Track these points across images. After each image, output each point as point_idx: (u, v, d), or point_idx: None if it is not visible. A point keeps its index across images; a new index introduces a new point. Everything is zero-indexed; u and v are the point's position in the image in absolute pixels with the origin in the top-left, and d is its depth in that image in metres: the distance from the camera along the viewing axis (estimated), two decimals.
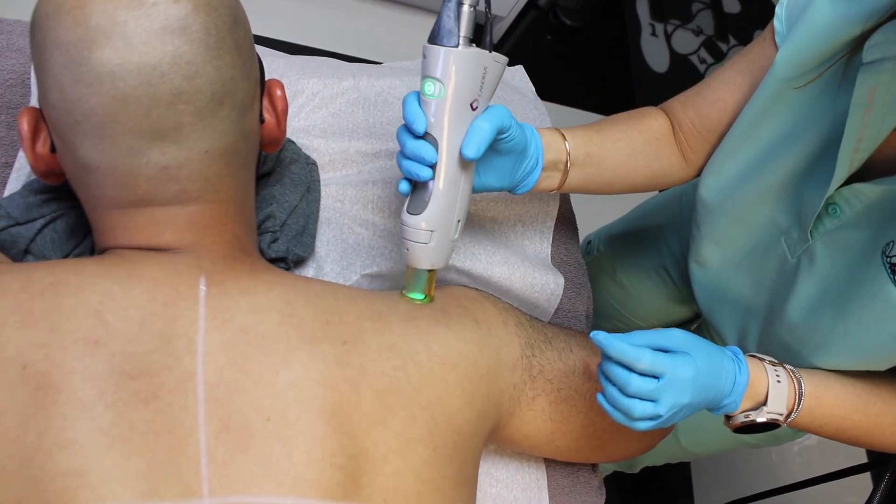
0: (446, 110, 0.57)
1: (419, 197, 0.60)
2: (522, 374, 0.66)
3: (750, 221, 0.74)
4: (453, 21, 0.55)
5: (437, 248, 0.62)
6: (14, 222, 0.63)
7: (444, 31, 0.55)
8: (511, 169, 0.65)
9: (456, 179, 0.60)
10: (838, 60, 0.59)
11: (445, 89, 0.56)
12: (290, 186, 0.73)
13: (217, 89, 0.51)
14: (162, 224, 0.54)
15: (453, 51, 0.55)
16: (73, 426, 0.45)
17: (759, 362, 0.64)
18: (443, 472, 0.55)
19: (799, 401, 0.64)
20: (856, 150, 0.58)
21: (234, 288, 0.54)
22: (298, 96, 0.82)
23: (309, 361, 0.52)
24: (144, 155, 0.51)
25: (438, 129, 0.58)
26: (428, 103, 0.57)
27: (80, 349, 0.47)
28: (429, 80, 0.56)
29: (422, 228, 0.60)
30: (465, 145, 0.58)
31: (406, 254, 0.62)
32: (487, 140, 0.58)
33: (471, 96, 0.57)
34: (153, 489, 0.46)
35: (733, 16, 2.57)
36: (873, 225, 0.62)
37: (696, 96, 0.76)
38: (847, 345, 0.65)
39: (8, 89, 0.73)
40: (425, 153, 0.57)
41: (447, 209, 0.60)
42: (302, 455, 0.49)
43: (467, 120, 0.58)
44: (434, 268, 0.63)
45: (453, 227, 0.62)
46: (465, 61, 0.56)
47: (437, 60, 0.56)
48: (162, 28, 0.48)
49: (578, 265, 0.89)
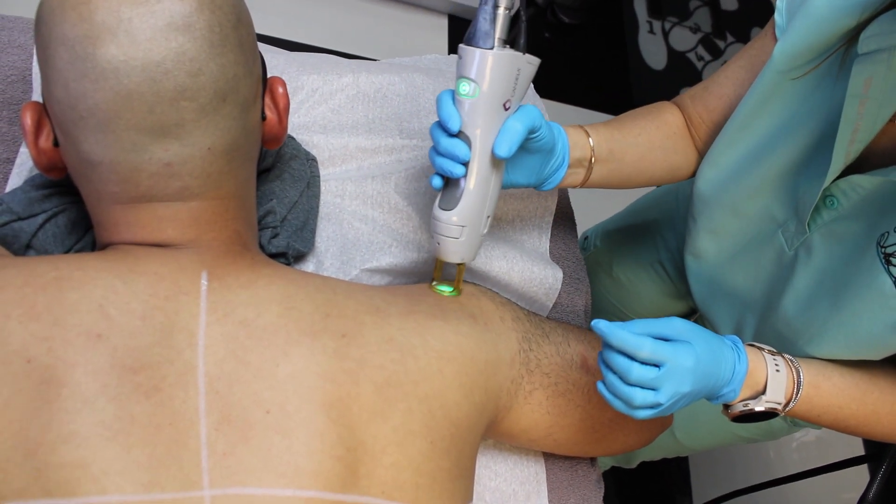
0: (480, 110, 0.59)
1: (451, 193, 0.62)
2: (520, 369, 0.67)
3: (746, 213, 0.74)
4: (489, 23, 0.57)
5: (468, 242, 0.64)
6: (16, 217, 0.63)
7: (481, 33, 0.57)
8: (539, 167, 0.67)
9: (487, 177, 0.62)
10: (835, 52, 0.60)
11: (480, 89, 0.58)
12: (291, 182, 0.73)
13: (220, 86, 0.52)
14: (164, 220, 0.54)
15: (489, 52, 0.57)
16: (76, 419, 0.45)
17: (758, 351, 0.64)
18: (440, 465, 0.55)
19: (797, 390, 0.64)
20: (851, 141, 0.59)
21: (234, 282, 0.55)
22: (298, 92, 0.83)
23: (309, 354, 0.53)
24: (147, 151, 0.51)
25: (472, 128, 0.59)
26: (462, 103, 0.59)
27: (83, 343, 0.47)
28: (464, 80, 0.58)
29: (453, 224, 0.62)
30: (497, 144, 0.59)
31: (437, 248, 0.65)
32: (519, 140, 0.59)
33: (504, 97, 0.59)
34: (154, 481, 0.46)
35: (731, 13, 2.57)
36: (869, 216, 0.62)
37: (703, 91, 0.77)
38: (842, 335, 0.66)
39: (9, 85, 0.74)
40: (459, 151, 0.59)
41: (478, 205, 0.62)
42: (301, 447, 0.49)
43: (500, 119, 0.60)
44: (463, 261, 0.66)
45: (483, 222, 0.65)
46: (501, 63, 0.57)
47: (473, 61, 0.57)
48: (166, 25, 0.49)
49: (576, 260, 0.89)
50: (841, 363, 0.68)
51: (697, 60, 2.41)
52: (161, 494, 0.46)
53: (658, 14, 2.45)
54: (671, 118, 0.79)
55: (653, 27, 2.43)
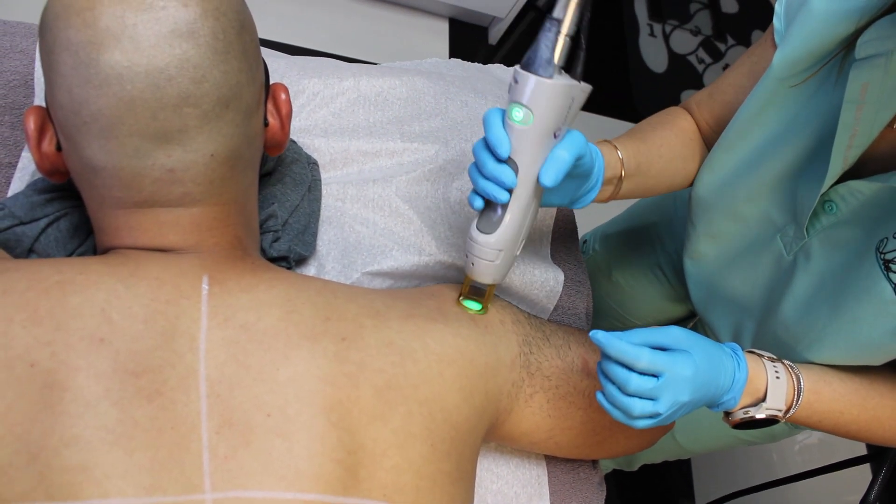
0: (531, 138, 0.57)
1: (491, 216, 0.61)
2: (521, 371, 0.67)
3: (745, 218, 0.74)
4: (550, 50, 0.55)
5: (502, 265, 0.63)
6: (18, 221, 0.63)
7: (541, 60, 0.55)
8: (575, 188, 0.66)
9: (528, 203, 0.61)
10: (833, 58, 0.59)
11: (534, 117, 0.56)
12: (292, 186, 0.73)
13: (223, 93, 0.52)
14: (166, 225, 0.55)
15: (547, 82, 0.54)
16: (79, 423, 0.46)
17: (758, 358, 0.64)
18: (441, 467, 0.56)
19: (798, 396, 0.64)
20: (849, 146, 0.59)
21: (235, 286, 0.55)
22: (299, 96, 0.83)
23: (309, 357, 0.53)
24: (150, 157, 0.51)
25: (521, 154, 0.57)
26: (512, 128, 0.57)
27: (86, 347, 0.48)
28: (518, 106, 0.56)
29: (491, 247, 0.61)
30: (543, 174, 0.57)
31: (471, 268, 0.64)
32: (566, 170, 0.58)
33: (556, 126, 0.57)
34: (156, 484, 0.46)
35: (731, 16, 2.57)
36: (868, 221, 0.62)
37: (708, 98, 0.77)
38: (842, 340, 0.66)
39: (11, 90, 0.74)
40: (506, 178, 0.57)
41: (517, 230, 0.62)
42: (302, 450, 0.49)
43: (548, 147, 0.58)
44: (496, 283, 0.65)
45: (518, 245, 0.64)
46: (557, 94, 0.55)
47: (529, 88, 0.55)
48: (170, 32, 0.49)
49: (577, 263, 0.89)
50: (841, 369, 0.68)
51: (698, 63, 2.41)
52: (163, 498, 0.46)
53: (659, 17, 2.46)
54: (686, 125, 0.79)
55: (653, 30, 2.43)
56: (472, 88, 0.92)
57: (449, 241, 0.79)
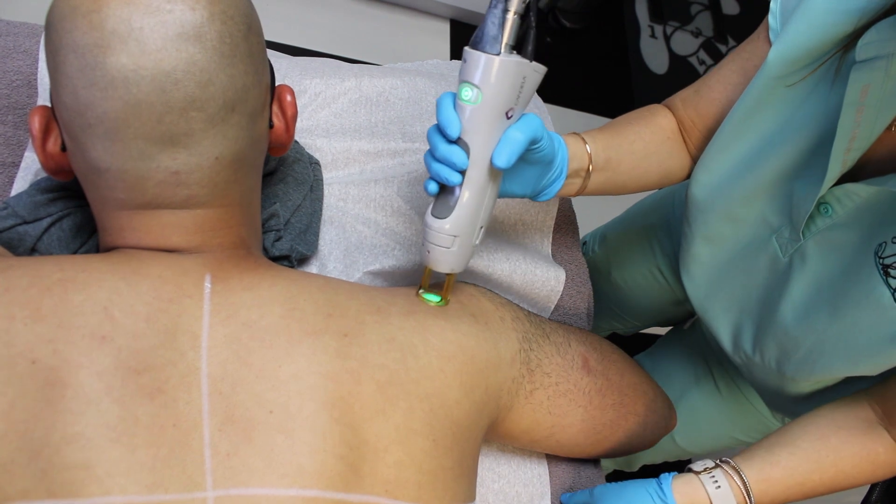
0: (481, 117, 0.56)
1: (445, 201, 0.60)
2: (521, 368, 0.67)
3: (741, 219, 0.74)
4: (497, 28, 0.54)
5: (459, 253, 0.62)
6: (21, 221, 0.63)
7: (488, 38, 0.54)
8: (536, 178, 0.65)
9: (484, 187, 0.59)
10: (831, 57, 0.59)
11: (483, 96, 0.55)
12: (294, 185, 0.74)
13: (229, 97, 0.52)
14: (169, 227, 0.55)
15: (495, 58, 0.54)
16: (81, 420, 0.46)
17: (692, 477, 0.66)
18: (442, 463, 0.56)
19: (748, 494, 0.65)
20: (848, 149, 0.58)
21: (237, 284, 0.55)
22: (301, 96, 0.83)
23: (311, 354, 0.53)
24: (155, 160, 0.51)
25: (472, 135, 0.57)
26: (463, 108, 0.56)
27: (88, 345, 0.48)
28: (467, 85, 0.55)
29: (445, 233, 0.60)
30: (496, 154, 0.57)
31: (427, 256, 0.62)
32: (519, 151, 0.57)
33: (507, 105, 0.56)
34: (158, 482, 0.46)
35: (732, 17, 2.58)
36: (865, 225, 0.62)
37: (694, 94, 0.76)
38: (842, 345, 0.65)
39: (14, 90, 0.74)
40: (457, 159, 0.56)
41: (472, 216, 0.60)
42: (304, 446, 0.49)
43: (501, 128, 0.57)
44: (453, 272, 0.63)
45: (476, 233, 0.62)
46: (507, 70, 0.54)
47: (478, 66, 0.54)
48: (177, 35, 0.49)
49: (579, 263, 0.89)
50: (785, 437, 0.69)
51: (699, 64, 2.42)
52: (164, 496, 0.46)
53: (660, 18, 2.46)
54: (665, 122, 0.78)
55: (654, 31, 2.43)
56: None
57: None
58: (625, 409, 0.75)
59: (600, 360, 0.74)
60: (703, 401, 1.03)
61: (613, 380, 0.74)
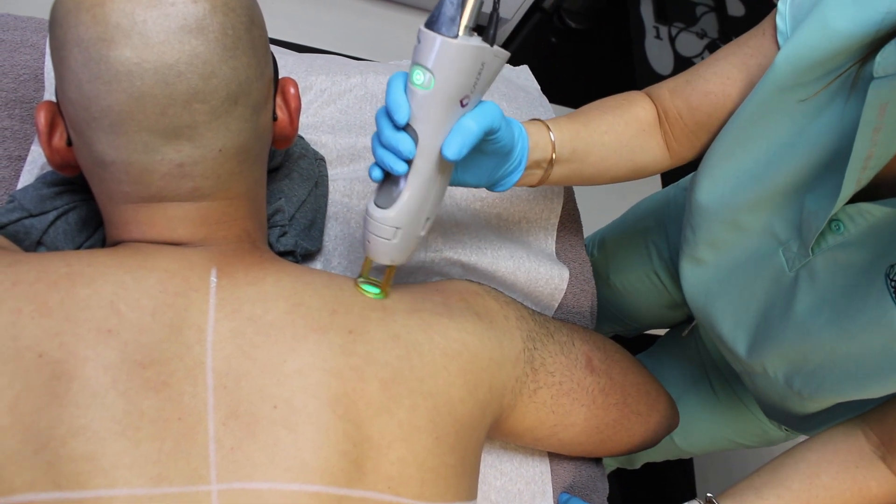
0: (433, 104, 0.51)
1: (389, 190, 0.55)
2: (524, 367, 0.67)
3: (746, 228, 0.72)
4: (456, 8, 0.48)
5: (401, 245, 0.58)
6: (27, 214, 0.64)
7: (445, 18, 0.48)
8: (492, 168, 0.61)
9: (432, 177, 0.55)
10: (846, 71, 0.56)
11: (435, 81, 0.50)
12: (299, 181, 0.74)
13: (232, 89, 0.52)
14: (175, 219, 0.55)
15: (451, 42, 0.48)
16: (86, 413, 0.46)
17: None
18: (445, 461, 0.56)
19: None
20: (864, 167, 0.56)
21: (243, 279, 0.55)
22: (307, 93, 0.83)
23: (315, 350, 0.53)
24: (159, 152, 0.52)
25: (421, 122, 0.52)
26: (414, 92, 0.51)
27: (94, 338, 0.48)
28: (419, 68, 0.50)
29: (387, 224, 0.56)
30: (446, 145, 0.52)
31: (367, 245, 0.58)
32: (472, 143, 0.53)
33: (462, 92, 0.51)
34: (163, 475, 0.46)
35: (737, 18, 2.57)
36: (877, 245, 0.60)
37: (686, 85, 0.72)
38: (851, 367, 0.64)
39: (21, 84, 0.74)
40: (403, 147, 0.52)
41: (417, 208, 0.56)
42: (307, 442, 0.50)
43: (454, 116, 0.52)
44: (394, 263, 0.60)
45: (421, 224, 0.58)
46: (463, 55, 0.49)
47: (432, 49, 0.49)
48: (180, 28, 0.49)
49: (582, 261, 0.89)
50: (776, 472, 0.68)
51: None
52: (169, 488, 0.46)
53: (665, 19, 2.46)
54: (642, 113, 0.73)
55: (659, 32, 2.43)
56: None
57: (455, 237, 0.79)
58: (628, 408, 0.75)
59: (604, 360, 0.74)
60: (700, 405, 1.02)
61: (617, 379, 0.74)
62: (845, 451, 0.67)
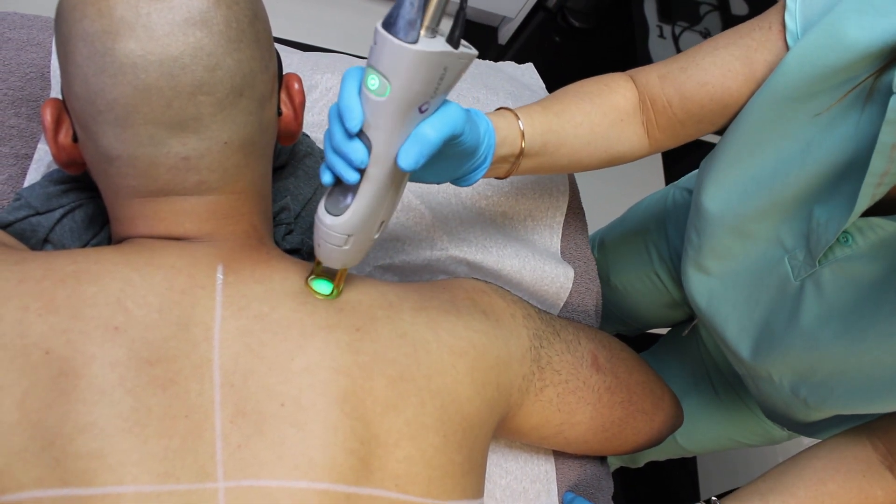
0: (387, 113, 0.46)
1: (341, 196, 0.51)
2: (531, 365, 0.67)
3: (753, 235, 0.70)
4: (416, 10, 0.42)
5: (353, 249, 0.54)
6: (34, 212, 0.64)
7: (402, 21, 0.42)
8: (454, 167, 0.58)
9: (386, 185, 0.50)
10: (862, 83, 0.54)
11: (391, 89, 0.44)
12: (304, 179, 0.74)
13: (237, 81, 0.52)
14: (181, 214, 0.55)
15: (410, 48, 0.42)
16: (94, 410, 0.46)
17: None
18: (452, 458, 0.56)
19: None
20: (879, 183, 0.54)
21: (250, 276, 0.55)
22: (312, 91, 0.83)
23: (323, 347, 0.53)
24: (165, 145, 0.52)
25: (376, 130, 0.47)
26: (368, 97, 0.45)
27: (101, 335, 0.48)
28: (374, 73, 0.44)
29: (337, 232, 0.52)
30: (402, 154, 0.47)
31: (317, 249, 0.55)
32: (430, 152, 0.48)
33: (421, 100, 0.46)
34: (170, 472, 0.46)
35: (741, 18, 2.57)
36: (887, 260, 0.59)
37: (680, 73, 0.68)
38: (862, 381, 0.63)
39: (28, 82, 0.75)
40: (355, 156, 0.47)
41: (371, 215, 0.52)
42: (315, 440, 0.49)
43: (412, 123, 0.47)
44: (346, 267, 0.57)
45: (375, 229, 0.55)
46: (421, 63, 0.43)
47: (388, 54, 0.43)
48: (184, 20, 0.49)
49: (587, 260, 0.89)
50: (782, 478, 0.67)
51: None
52: (176, 486, 0.46)
53: (668, 18, 2.46)
54: (622, 102, 0.69)
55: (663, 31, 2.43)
56: (483, 84, 0.92)
57: (460, 235, 0.79)
58: (633, 406, 0.75)
59: (609, 358, 0.74)
60: (702, 405, 1.02)
61: (622, 377, 0.74)
62: (852, 460, 0.66)
